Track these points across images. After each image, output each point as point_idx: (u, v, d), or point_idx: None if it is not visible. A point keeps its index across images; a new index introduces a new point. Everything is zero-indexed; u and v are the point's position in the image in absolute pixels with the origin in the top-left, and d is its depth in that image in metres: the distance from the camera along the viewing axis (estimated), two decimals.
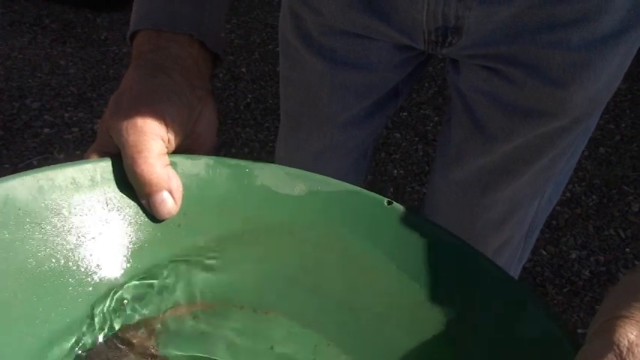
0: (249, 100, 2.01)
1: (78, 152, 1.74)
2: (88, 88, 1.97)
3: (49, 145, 1.75)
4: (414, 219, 0.40)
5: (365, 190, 0.42)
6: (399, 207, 0.41)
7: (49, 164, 0.38)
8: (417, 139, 1.90)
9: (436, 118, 1.98)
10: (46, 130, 1.80)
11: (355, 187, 0.42)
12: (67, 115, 1.86)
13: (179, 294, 0.39)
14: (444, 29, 0.57)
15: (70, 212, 0.37)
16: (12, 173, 0.36)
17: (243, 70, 2.14)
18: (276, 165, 0.43)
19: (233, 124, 1.89)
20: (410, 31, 0.59)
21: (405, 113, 1.98)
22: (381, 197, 0.41)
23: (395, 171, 1.78)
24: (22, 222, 0.35)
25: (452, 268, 0.39)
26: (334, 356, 0.38)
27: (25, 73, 2.00)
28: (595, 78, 0.57)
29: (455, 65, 0.66)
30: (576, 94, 0.59)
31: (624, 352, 0.27)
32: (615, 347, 0.28)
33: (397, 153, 1.85)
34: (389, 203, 0.41)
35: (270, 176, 0.42)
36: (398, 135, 1.91)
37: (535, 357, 0.35)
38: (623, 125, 1.99)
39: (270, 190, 0.42)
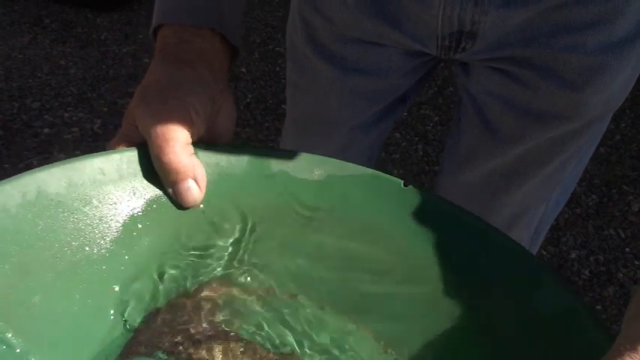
0: (249, 100, 2.01)
1: (77, 152, 1.73)
2: (88, 88, 1.97)
3: (48, 144, 1.74)
4: (430, 199, 0.42)
5: (382, 173, 0.43)
6: (415, 188, 0.42)
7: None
8: (417, 139, 1.90)
9: (436, 118, 1.98)
10: (46, 130, 1.79)
11: (372, 170, 0.43)
12: (66, 115, 1.86)
13: (205, 278, 0.40)
14: (459, 34, 0.57)
15: (99, 201, 0.38)
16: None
17: (243, 70, 2.14)
18: (294, 151, 0.44)
19: None
20: (422, 37, 0.59)
21: (405, 113, 1.98)
22: (397, 179, 0.42)
23: (395, 171, 1.78)
24: (56, 212, 0.36)
25: (470, 244, 0.40)
26: (357, 336, 0.39)
27: (25, 73, 2.00)
28: (610, 81, 0.57)
29: (464, 68, 0.66)
30: (591, 98, 0.58)
31: None
32: None
33: (397, 153, 1.85)
34: (405, 185, 0.42)
35: (288, 162, 0.43)
36: (398, 135, 1.91)
37: (555, 331, 0.35)
38: (623, 125, 2.00)
39: (289, 175, 0.43)
